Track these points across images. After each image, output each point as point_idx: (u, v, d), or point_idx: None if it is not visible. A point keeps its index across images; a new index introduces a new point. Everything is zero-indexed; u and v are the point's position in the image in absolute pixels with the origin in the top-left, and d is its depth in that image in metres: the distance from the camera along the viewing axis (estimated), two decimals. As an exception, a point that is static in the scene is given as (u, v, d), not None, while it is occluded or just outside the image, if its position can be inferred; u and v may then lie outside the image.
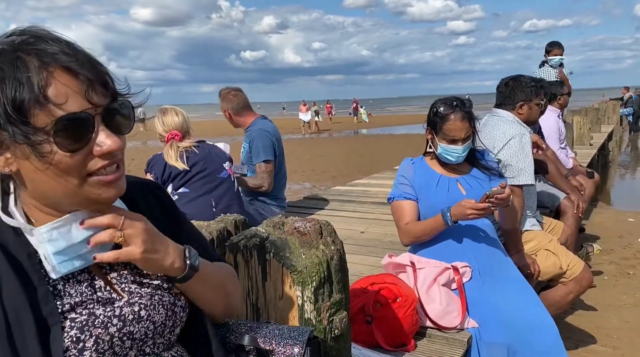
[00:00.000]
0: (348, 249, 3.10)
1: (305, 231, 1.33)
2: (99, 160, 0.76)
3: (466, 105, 2.11)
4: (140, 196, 0.95)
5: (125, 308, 0.83)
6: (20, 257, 0.77)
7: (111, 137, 0.75)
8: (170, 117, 2.63)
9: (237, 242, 1.29)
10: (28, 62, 0.71)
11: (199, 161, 2.67)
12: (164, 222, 0.95)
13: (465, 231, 2.12)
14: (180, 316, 0.91)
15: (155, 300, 0.87)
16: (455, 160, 2.14)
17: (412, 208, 2.17)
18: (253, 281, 1.27)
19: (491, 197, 1.89)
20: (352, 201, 4.53)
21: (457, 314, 1.93)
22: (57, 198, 0.77)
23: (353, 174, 9.59)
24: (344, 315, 1.32)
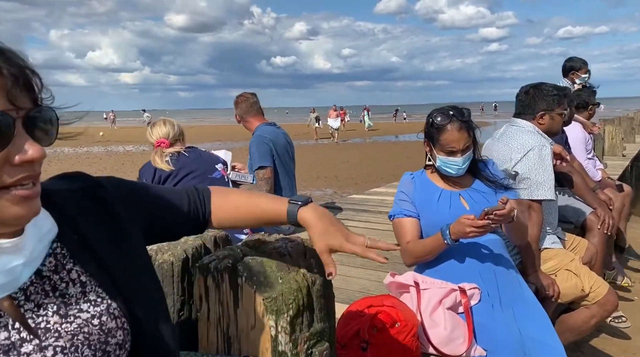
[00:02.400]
0: (354, 263, 3.01)
1: (286, 251, 1.22)
2: (16, 171, 0.66)
3: (464, 115, 1.97)
4: (74, 203, 0.83)
5: (34, 355, 0.69)
6: None
7: (34, 145, 0.66)
8: (158, 127, 2.85)
9: (207, 263, 1.18)
10: None
11: (188, 163, 2.77)
12: (112, 221, 0.86)
13: (473, 249, 1.97)
14: (117, 354, 0.77)
15: (78, 340, 0.73)
16: (456, 172, 2.00)
17: (413, 226, 2.03)
18: (224, 307, 1.16)
19: (490, 214, 1.75)
20: (367, 210, 4.39)
21: (462, 341, 1.78)
22: None
23: (376, 181, 9.42)
24: (326, 347, 1.19)
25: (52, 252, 0.77)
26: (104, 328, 0.76)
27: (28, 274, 0.72)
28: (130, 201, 0.92)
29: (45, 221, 0.76)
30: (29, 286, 0.73)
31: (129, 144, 22.23)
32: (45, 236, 0.75)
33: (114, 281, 0.81)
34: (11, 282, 0.69)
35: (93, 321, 0.75)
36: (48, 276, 0.76)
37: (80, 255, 0.79)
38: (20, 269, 0.70)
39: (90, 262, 0.80)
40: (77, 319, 0.74)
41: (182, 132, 2.88)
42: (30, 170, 0.67)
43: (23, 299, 0.72)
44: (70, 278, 0.77)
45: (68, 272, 0.78)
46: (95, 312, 0.76)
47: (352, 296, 2.39)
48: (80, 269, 0.79)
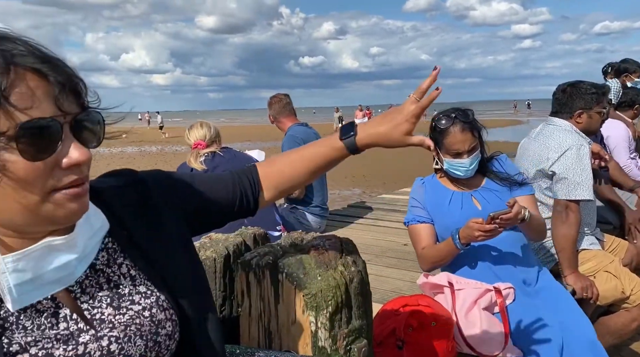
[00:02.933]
0: (387, 263, 3.01)
1: (323, 249, 1.24)
2: (65, 174, 0.68)
3: (469, 116, 1.96)
4: (121, 200, 0.87)
5: (90, 344, 0.73)
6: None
7: (81, 148, 0.69)
8: (195, 130, 2.98)
9: (249, 259, 1.22)
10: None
11: (223, 163, 2.87)
12: (158, 216, 0.89)
13: (503, 247, 1.96)
14: (166, 344, 0.81)
15: (131, 331, 0.77)
16: (464, 174, 1.99)
17: (427, 231, 2.04)
18: (265, 302, 1.20)
19: (496, 218, 1.74)
20: (397, 210, 4.37)
21: (499, 341, 1.77)
22: (15, 218, 0.69)
23: (406, 181, 9.35)
24: (364, 344, 1.21)
25: (104, 247, 0.82)
26: (154, 319, 0.79)
27: (83, 268, 0.76)
28: (171, 195, 0.94)
29: (96, 218, 0.79)
30: (84, 279, 0.78)
31: (161, 144, 22.72)
32: (97, 232, 0.79)
33: (161, 275, 0.84)
34: (67, 277, 0.74)
35: (144, 313, 0.79)
36: (101, 270, 0.80)
37: (129, 250, 0.83)
38: (74, 264, 0.74)
39: (138, 256, 0.84)
40: (130, 311, 0.78)
41: (218, 133, 2.99)
42: (78, 173, 0.69)
43: (79, 292, 0.77)
44: (121, 272, 0.81)
45: (119, 266, 0.82)
46: (146, 304, 0.80)
47: (385, 296, 2.40)
48: (130, 263, 0.83)
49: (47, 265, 0.70)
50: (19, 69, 0.64)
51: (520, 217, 1.78)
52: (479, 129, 1.99)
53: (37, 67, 0.65)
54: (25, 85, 0.64)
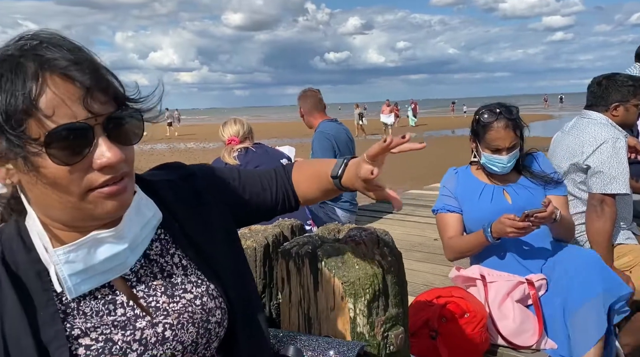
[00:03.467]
0: (418, 257, 3.03)
1: (360, 240, 1.27)
2: (100, 174, 0.70)
3: (513, 113, 1.95)
4: (173, 192, 0.90)
5: (147, 330, 0.77)
6: (28, 276, 0.73)
7: (112, 149, 0.69)
8: (229, 126, 3.08)
9: (289, 248, 1.26)
10: (27, 68, 0.66)
11: (255, 158, 2.96)
12: (208, 208, 0.92)
13: (534, 239, 1.96)
14: (216, 331, 0.84)
15: (184, 318, 0.80)
16: (501, 170, 1.99)
17: (455, 221, 2.05)
18: (305, 289, 1.24)
19: (530, 217, 1.74)
20: (427, 205, 4.37)
21: (533, 333, 1.78)
22: (59, 215, 0.73)
23: (434, 177, 9.28)
24: (401, 331, 1.24)
25: (157, 238, 0.86)
26: (205, 308, 0.83)
27: (135, 257, 0.80)
28: (220, 188, 0.98)
29: (148, 208, 0.83)
30: (139, 269, 0.82)
31: (190, 141, 23.10)
32: (149, 222, 0.82)
33: (210, 264, 0.88)
34: (119, 266, 0.77)
35: (196, 301, 0.83)
36: (155, 260, 0.85)
37: (180, 241, 0.88)
38: (126, 254, 0.77)
39: (189, 247, 0.88)
40: (182, 300, 0.82)
41: (251, 130, 3.08)
42: (112, 173, 0.70)
43: (135, 281, 0.81)
44: (173, 262, 0.86)
45: (171, 256, 0.86)
46: (197, 293, 0.84)
47: (416, 289, 2.42)
48: (182, 253, 0.87)
49: (97, 256, 0.74)
50: (47, 74, 0.66)
51: (554, 216, 1.78)
52: (522, 127, 1.98)
53: (65, 72, 0.66)
54: (54, 90, 0.66)
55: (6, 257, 0.73)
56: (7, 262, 0.73)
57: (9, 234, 0.76)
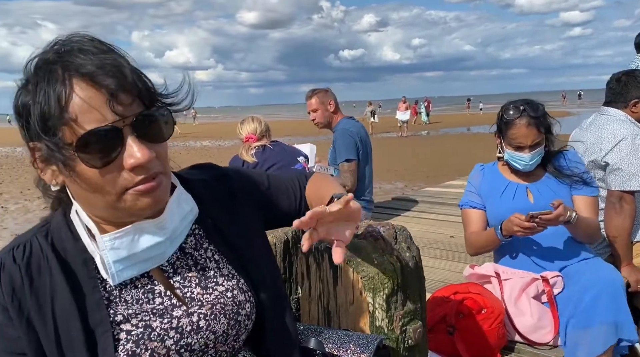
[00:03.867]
0: (435, 254, 3.04)
1: (379, 235, 1.30)
2: (133, 174, 0.72)
3: (538, 110, 1.91)
4: (208, 191, 0.94)
5: (183, 319, 0.80)
6: (75, 264, 0.77)
7: (142, 149, 0.71)
8: (247, 124, 3.10)
9: (309, 244, 1.29)
10: (57, 75, 0.69)
11: (273, 155, 2.98)
12: (239, 207, 0.96)
13: (552, 238, 1.95)
14: (245, 324, 0.88)
15: (217, 309, 0.84)
16: (523, 168, 1.97)
17: (478, 217, 2.06)
18: (324, 284, 1.27)
19: (535, 218, 1.73)
20: (443, 203, 4.37)
21: (549, 329, 1.78)
22: (101, 212, 0.76)
23: (449, 175, 9.26)
24: (419, 325, 1.26)
25: (192, 233, 0.90)
26: (236, 300, 0.87)
27: (173, 249, 0.84)
28: (251, 191, 1.02)
29: (186, 203, 0.87)
30: (175, 261, 0.87)
31: (205, 140, 23.29)
32: (187, 215, 0.87)
33: (240, 260, 0.92)
34: (158, 256, 0.82)
35: (227, 294, 0.86)
36: (190, 253, 0.89)
37: (213, 236, 0.92)
38: (166, 244, 0.82)
39: (221, 242, 0.92)
40: (215, 292, 0.86)
41: (268, 128, 3.11)
42: (144, 172, 0.72)
43: (172, 272, 0.86)
44: (207, 256, 0.90)
45: (205, 250, 0.90)
46: (228, 286, 0.88)
47: (433, 286, 2.42)
48: (214, 248, 0.91)
49: (140, 244, 0.78)
50: (73, 80, 0.68)
51: (562, 219, 1.76)
52: (548, 124, 1.94)
53: (90, 77, 0.69)
54: (81, 96, 0.68)
55: (56, 245, 0.78)
56: (57, 250, 0.78)
57: (57, 223, 0.81)
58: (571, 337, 1.71)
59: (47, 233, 0.80)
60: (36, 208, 8.03)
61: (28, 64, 0.73)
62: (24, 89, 0.72)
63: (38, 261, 0.77)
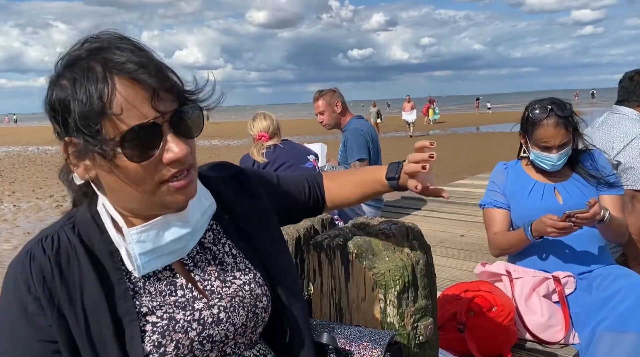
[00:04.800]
0: (445, 253, 3.03)
1: (390, 233, 1.31)
2: (170, 168, 0.75)
3: (565, 109, 1.87)
4: (225, 188, 0.97)
5: (204, 311, 0.83)
6: (102, 255, 0.80)
7: (179, 144, 0.75)
8: (258, 121, 3.09)
9: (321, 241, 1.30)
10: (98, 72, 0.71)
11: (283, 154, 3.00)
12: (255, 203, 1.00)
13: (566, 239, 1.93)
14: (262, 316, 0.90)
15: (235, 302, 0.86)
16: (550, 168, 1.94)
17: (502, 217, 2.02)
18: (336, 280, 1.28)
19: (572, 217, 1.70)
20: (453, 202, 4.36)
21: (560, 328, 1.78)
22: (133, 205, 0.79)
23: (459, 174, 9.23)
24: (430, 322, 1.27)
25: (210, 228, 0.93)
26: (253, 293, 0.89)
27: (193, 243, 0.86)
28: (267, 187, 1.07)
29: (206, 198, 0.90)
30: (195, 255, 0.89)
31: (214, 139, 23.40)
32: (206, 210, 0.89)
33: (257, 255, 0.95)
34: (181, 250, 0.84)
35: (245, 287, 0.89)
36: (209, 247, 0.91)
37: (231, 231, 0.95)
38: (188, 238, 0.84)
39: (238, 237, 0.94)
40: (233, 285, 0.89)
41: (279, 126, 3.12)
42: (179, 166, 0.76)
43: (192, 265, 0.88)
44: (224, 250, 0.92)
45: (223, 245, 0.93)
46: (246, 279, 0.90)
47: (443, 284, 2.42)
48: (232, 243, 0.94)
49: (165, 238, 0.81)
50: (115, 77, 0.71)
51: (598, 217, 1.73)
52: (575, 124, 1.90)
53: (133, 75, 0.71)
54: (123, 93, 0.71)
55: (82, 237, 0.81)
56: (84, 241, 0.80)
57: (83, 216, 0.83)
58: (604, 339, 1.67)
59: (74, 225, 0.82)
60: (48, 206, 8.12)
61: (59, 61, 0.75)
62: (57, 86, 0.74)
63: (67, 252, 0.79)
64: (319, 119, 3.70)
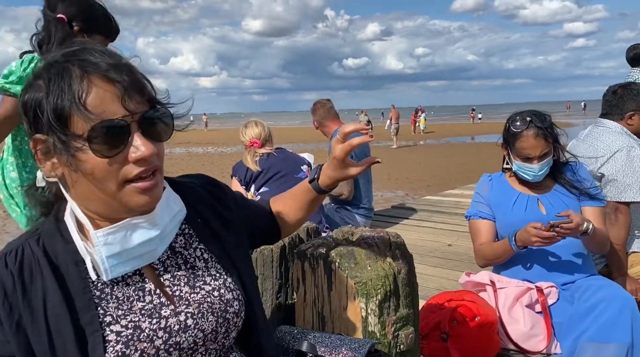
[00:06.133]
0: (432, 262, 3.06)
1: (373, 242, 1.33)
2: (135, 167, 0.76)
3: (545, 120, 1.93)
4: (199, 192, 0.99)
5: (170, 319, 0.82)
6: (67, 266, 0.80)
7: (146, 144, 0.76)
8: (250, 128, 3.08)
9: (305, 250, 1.32)
10: (72, 71, 0.74)
11: (276, 163, 2.99)
12: (227, 212, 1.01)
13: (549, 250, 1.96)
14: (234, 321, 0.90)
15: (204, 308, 0.86)
16: (532, 178, 1.98)
17: (487, 228, 2.06)
18: (319, 289, 1.30)
19: (556, 227, 1.73)
20: (442, 211, 4.40)
21: (542, 338, 1.80)
22: (97, 205, 0.79)
23: (450, 183, 9.28)
24: (411, 331, 1.29)
25: (181, 232, 0.94)
26: (223, 299, 0.89)
27: (163, 247, 0.87)
28: (237, 203, 1.08)
29: (175, 203, 0.91)
30: (165, 259, 0.90)
31: (208, 146, 23.37)
32: (176, 215, 0.90)
33: (230, 259, 0.95)
34: (150, 253, 0.84)
35: (214, 293, 0.89)
36: (180, 252, 0.92)
37: (203, 236, 0.95)
38: (157, 241, 0.84)
39: (211, 242, 0.95)
40: (202, 290, 0.89)
41: (270, 133, 3.12)
42: (145, 165, 0.77)
43: (162, 270, 0.88)
44: (196, 255, 0.93)
45: (194, 249, 0.93)
46: (215, 285, 0.90)
47: (429, 294, 2.45)
48: (204, 247, 0.94)
49: (132, 240, 0.81)
50: (91, 76, 0.74)
51: (582, 229, 1.76)
52: (555, 135, 1.96)
53: (105, 74, 0.75)
54: (96, 91, 0.74)
55: (47, 249, 0.81)
56: (48, 253, 0.81)
57: (49, 227, 0.84)
58: (586, 350, 1.68)
59: (39, 238, 0.83)
60: (38, 212, 8.07)
61: (36, 68, 0.78)
62: (32, 86, 0.77)
63: (30, 266, 0.79)
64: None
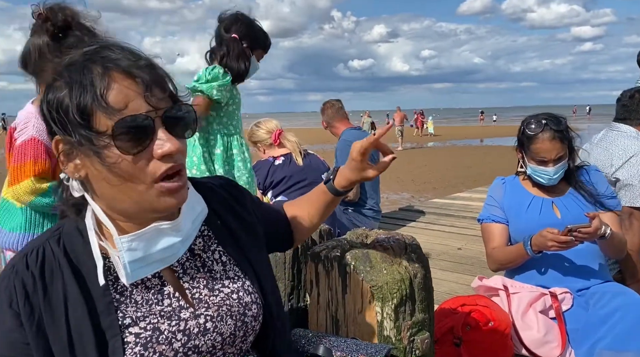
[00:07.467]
0: (442, 266, 3.03)
1: (388, 245, 1.30)
2: (161, 163, 0.75)
3: (561, 123, 1.90)
4: (218, 193, 0.97)
5: (190, 321, 0.82)
6: (87, 268, 0.79)
7: (171, 139, 0.75)
8: (266, 123, 3.02)
9: (318, 252, 1.30)
10: (93, 69, 0.73)
11: (300, 170, 2.94)
12: (246, 213, 1.00)
13: (565, 254, 1.92)
14: (252, 325, 0.89)
15: (223, 311, 0.85)
16: (547, 182, 1.95)
17: (500, 232, 2.02)
18: (333, 292, 1.27)
19: (574, 231, 1.70)
20: (451, 215, 4.36)
21: (556, 345, 1.76)
22: (123, 205, 0.78)
23: (456, 186, 9.23)
24: (427, 336, 1.27)
25: (200, 234, 0.92)
26: (242, 302, 0.88)
27: (183, 250, 0.85)
28: (255, 206, 1.06)
29: (198, 204, 0.89)
30: (185, 262, 0.88)
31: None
32: (197, 217, 0.88)
33: (248, 262, 0.94)
34: (171, 257, 0.83)
35: (233, 295, 0.88)
36: (199, 254, 0.90)
37: (222, 238, 0.93)
38: (178, 246, 0.83)
39: (229, 245, 0.93)
40: (221, 293, 0.87)
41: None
42: (172, 161, 0.76)
43: (181, 273, 0.87)
44: (214, 257, 0.91)
45: (212, 252, 0.92)
46: (234, 288, 0.89)
47: (440, 298, 2.42)
48: (222, 249, 0.93)
49: (156, 246, 0.79)
50: (113, 73, 0.73)
51: (600, 233, 1.73)
52: (570, 138, 1.93)
53: (127, 70, 0.74)
54: (118, 87, 0.73)
55: (67, 250, 0.80)
56: (69, 254, 0.79)
57: (69, 229, 0.82)
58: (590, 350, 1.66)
59: (60, 238, 0.81)
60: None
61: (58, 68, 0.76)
62: (54, 87, 0.75)
63: (51, 267, 0.78)
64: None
